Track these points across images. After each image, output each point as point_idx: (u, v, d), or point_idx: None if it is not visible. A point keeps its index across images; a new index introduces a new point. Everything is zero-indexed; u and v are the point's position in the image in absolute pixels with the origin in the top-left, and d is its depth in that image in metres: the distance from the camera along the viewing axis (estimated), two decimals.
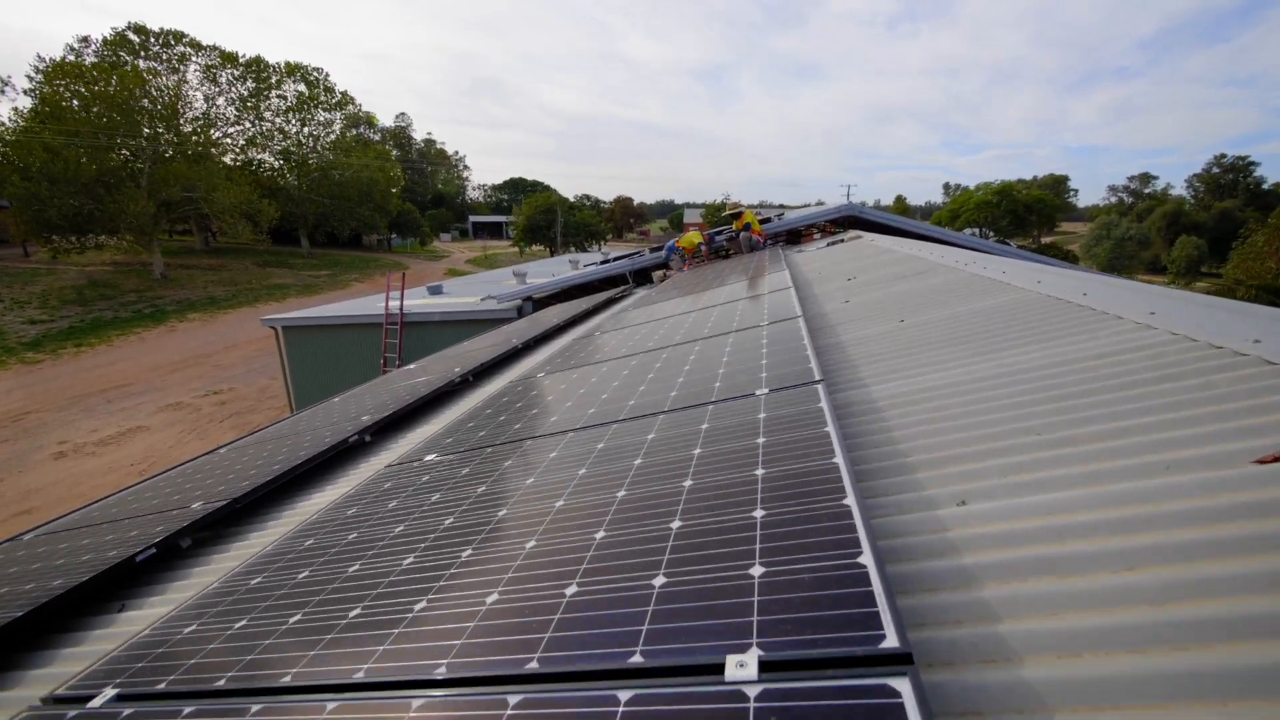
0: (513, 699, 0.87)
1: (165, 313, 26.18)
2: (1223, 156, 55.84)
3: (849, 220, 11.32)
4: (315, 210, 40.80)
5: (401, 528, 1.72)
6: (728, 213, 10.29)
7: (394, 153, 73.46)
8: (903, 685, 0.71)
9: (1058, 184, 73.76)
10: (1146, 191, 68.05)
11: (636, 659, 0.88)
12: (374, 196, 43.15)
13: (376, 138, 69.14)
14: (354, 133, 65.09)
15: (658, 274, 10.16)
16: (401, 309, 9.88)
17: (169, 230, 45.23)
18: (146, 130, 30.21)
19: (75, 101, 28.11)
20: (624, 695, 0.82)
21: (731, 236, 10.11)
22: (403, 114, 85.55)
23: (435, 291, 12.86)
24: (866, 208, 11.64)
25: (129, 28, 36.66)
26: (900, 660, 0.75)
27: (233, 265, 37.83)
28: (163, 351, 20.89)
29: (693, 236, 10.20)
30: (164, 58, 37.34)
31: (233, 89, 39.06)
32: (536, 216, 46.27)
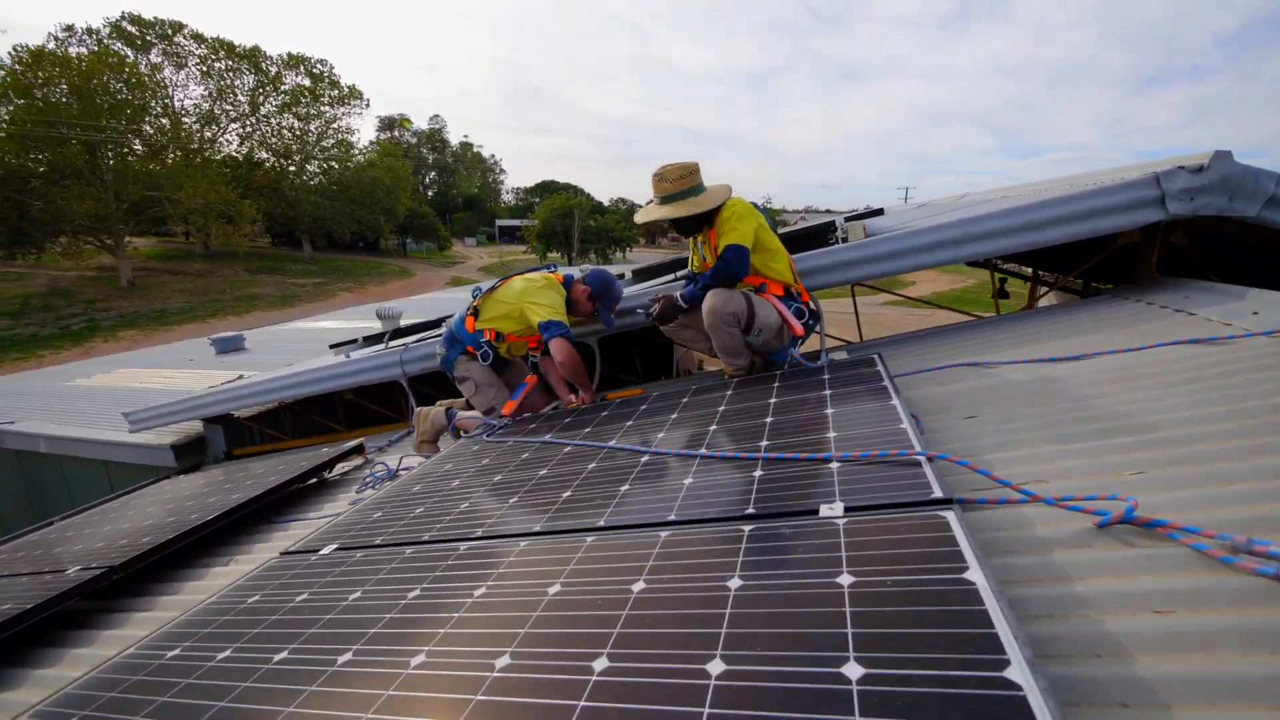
0: None
1: (98, 329, 22.84)
2: None
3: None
4: (311, 212, 37.52)
5: None
6: (665, 193, 2.54)
7: (431, 156, 71.07)
8: None
9: None
10: None
11: None
12: (378, 198, 39.63)
13: (412, 140, 66.76)
14: (387, 136, 62.87)
15: (424, 414, 3.15)
16: None
17: (186, 233, 43.29)
18: (112, 121, 27.26)
19: (38, 91, 25.44)
20: None
21: (683, 287, 2.71)
22: (436, 115, 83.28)
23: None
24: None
25: (123, 18, 34.42)
26: None
27: (220, 271, 34.89)
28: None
29: (530, 305, 2.85)
30: (167, 51, 35.00)
31: (231, 81, 36.31)
32: (553, 220, 41.70)
